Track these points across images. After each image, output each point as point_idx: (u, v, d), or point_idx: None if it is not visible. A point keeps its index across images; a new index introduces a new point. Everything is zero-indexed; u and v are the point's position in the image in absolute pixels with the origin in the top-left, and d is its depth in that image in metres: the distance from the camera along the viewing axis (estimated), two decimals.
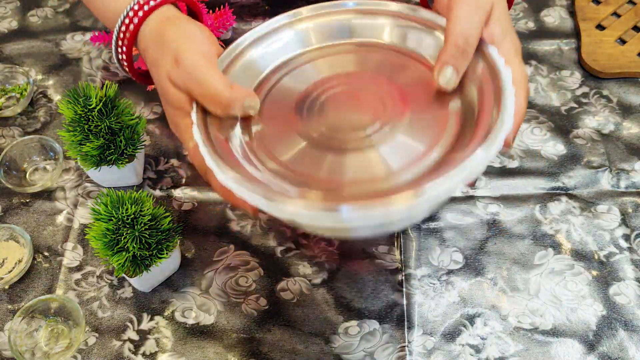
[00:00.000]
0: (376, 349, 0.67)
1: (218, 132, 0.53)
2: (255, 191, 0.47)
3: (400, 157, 0.52)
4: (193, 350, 0.68)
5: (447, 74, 0.53)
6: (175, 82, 0.51)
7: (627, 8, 0.91)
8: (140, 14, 0.53)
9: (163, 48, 0.52)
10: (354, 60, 0.61)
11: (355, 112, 0.56)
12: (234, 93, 0.51)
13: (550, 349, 0.67)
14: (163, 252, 0.66)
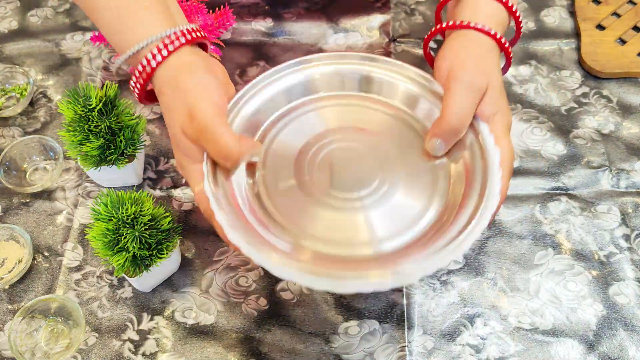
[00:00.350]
0: (376, 349, 0.67)
1: (225, 180, 0.56)
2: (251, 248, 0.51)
3: (388, 224, 0.56)
4: (193, 350, 0.68)
5: (436, 145, 0.58)
6: (188, 135, 0.54)
7: (627, 8, 0.91)
8: (163, 54, 0.55)
9: (177, 98, 0.55)
10: (359, 116, 0.63)
11: (353, 170, 0.59)
12: (242, 147, 0.54)
13: (550, 349, 0.67)
14: (163, 252, 0.66)
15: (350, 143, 0.61)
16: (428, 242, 0.53)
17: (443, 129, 0.57)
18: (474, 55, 0.60)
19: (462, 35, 0.62)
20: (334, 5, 0.93)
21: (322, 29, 0.91)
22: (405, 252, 0.53)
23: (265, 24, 0.92)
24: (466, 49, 0.60)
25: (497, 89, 0.59)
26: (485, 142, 0.57)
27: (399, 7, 0.93)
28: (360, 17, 0.92)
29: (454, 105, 0.56)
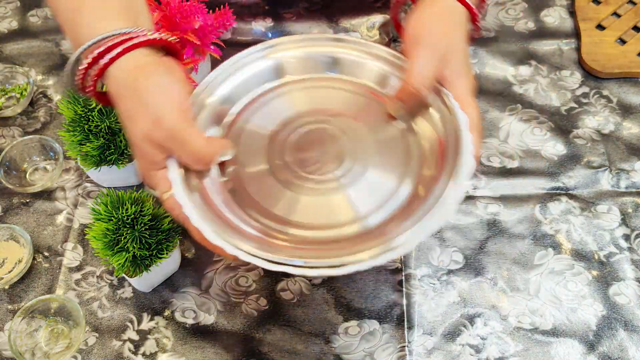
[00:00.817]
0: (376, 349, 0.67)
1: (198, 182, 0.55)
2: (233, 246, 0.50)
3: (368, 199, 0.56)
4: (193, 350, 0.68)
5: (397, 106, 0.59)
6: (153, 141, 0.52)
7: (627, 8, 0.91)
8: (114, 53, 0.52)
9: (139, 105, 0.52)
10: (327, 96, 0.63)
11: (326, 151, 0.59)
12: (212, 148, 0.53)
13: (550, 349, 0.67)
14: (163, 252, 0.66)
15: (320, 125, 0.61)
16: (412, 210, 0.53)
17: (403, 91, 0.58)
18: (437, 19, 0.60)
19: (431, 1, 0.62)
20: (334, 5, 0.93)
21: (322, 29, 0.91)
22: (391, 224, 0.53)
23: (265, 24, 0.92)
24: (431, 14, 0.61)
25: (459, 53, 0.59)
26: (453, 107, 0.57)
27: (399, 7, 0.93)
28: (360, 17, 0.92)
29: (414, 67, 0.58)
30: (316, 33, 0.65)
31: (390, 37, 0.90)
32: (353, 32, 0.91)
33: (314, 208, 0.56)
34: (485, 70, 0.87)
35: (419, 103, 0.59)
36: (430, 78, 0.58)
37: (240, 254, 0.50)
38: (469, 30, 0.62)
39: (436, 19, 0.60)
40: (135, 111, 0.52)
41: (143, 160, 0.54)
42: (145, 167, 0.54)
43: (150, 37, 0.53)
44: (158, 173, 0.54)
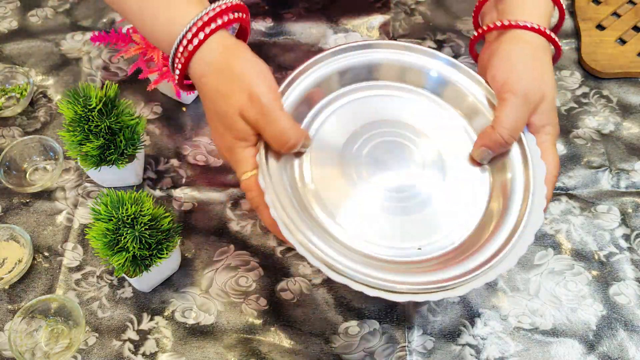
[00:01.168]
0: (376, 349, 0.67)
1: (276, 167, 0.55)
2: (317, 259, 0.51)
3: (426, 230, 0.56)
4: (193, 350, 0.68)
5: (484, 155, 0.58)
6: (246, 117, 0.54)
7: (627, 8, 0.91)
8: (198, 39, 0.54)
9: (234, 81, 0.54)
10: (413, 111, 0.62)
11: (397, 169, 0.59)
12: (298, 132, 0.55)
13: (550, 349, 0.67)
14: (163, 252, 0.66)
15: (396, 138, 0.60)
16: (466, 254, 0.54)
17: (492, 140, 0.57)
18: (529, 63, 0.58)
19: (513, 37, 0.60)
20: (334, 5, 0.93)
21: (322, 29, 0.91)
22: (444, 262, 0.54)
23: (265, 24, 0.92)
24: (521, 56, 0.58)
25: (550, 100, 0.58)
26: (532, 155, 0.57)
27: (399, 7, 0.93)
28: (360, 17, 0.92)
29: (506, 118, 0.56)
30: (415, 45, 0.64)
31: (390, 38, 0.90)
32: (353, 33, 0.91)
33: (376, 224, 0.56)
34: None
35: (503, 150, 0.58)
36: (519, 129, 0.57)
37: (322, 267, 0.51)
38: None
39: (524, 60, 0.58)
40: (230, 87, 0.54)
41: (229, 135, 0.55)
42: (230, 143, 0.55)
43: (232, 18, 0.55)
44: (244, 151, 0.55)
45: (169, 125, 0.83)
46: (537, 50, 0.59)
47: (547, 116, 0.58)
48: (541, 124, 0.58)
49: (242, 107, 0.53)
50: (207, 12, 0.54)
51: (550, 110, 0.58)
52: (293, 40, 0.90)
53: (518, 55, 0.59)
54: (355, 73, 0.62)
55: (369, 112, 0.62)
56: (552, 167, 0.58)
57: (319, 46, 0.90)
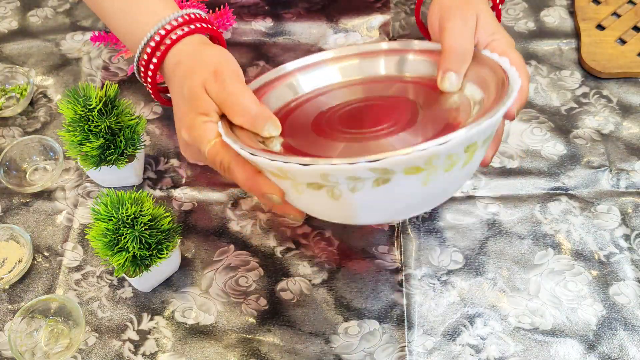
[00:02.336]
0: (376, 349, 0.67)
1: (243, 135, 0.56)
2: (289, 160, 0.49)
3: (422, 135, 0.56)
4: (193, 350, 0.68)
5: (451, 78, 0.59)
6: (209, 90, 0.56)
7: (627, 8, 0.91)
8: (174, 36, 0.59)
9: (201, 61, 0.57)
10: (362, 90, 0.65)
11: (370, 120, 0.59)
12: (260, 110, 0.55)
13: (550, 349, 0.67)
14: (163, 252, 0.66)
15: (367, 104, 0.63)
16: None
17: (450, 59, 0.59)
18: (456, 2, 0.62)
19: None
20: (334, 5, 0.93)
21: (322, 29, 0.91)
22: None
23: (265, 24, 0.92)
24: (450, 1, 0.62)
25: (488, 16, 0.61)
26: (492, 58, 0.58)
27: (399, 7, 0.93)
28: (360, 17, 0.92)
29: (451, 36, 0.59)
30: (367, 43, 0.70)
31: (390, 38, 0.90)
32: (353, 32, 0.91)
33: (366, 150, 0.55)
34: None
35: (464, 66, 0.59)
36: (468, 39, 0.59)
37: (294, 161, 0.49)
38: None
39: (455, 2, 0.62)
40: (198, 67, 0.57)
41: (192, 111, 0.56)
42: (191, 120, 0.56)
43: (209, 27, 0.61)
44: (204, 124, 0.55)
45: (169, 125, 0.83)
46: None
47: (490, 28, 0.60)
48: (489, 37, 0.60)
49: (206, 81, 0.56)
50: (189, 13, 0.60)
51: (489, 22, 0.61)
52: (293, 40, 0.90)
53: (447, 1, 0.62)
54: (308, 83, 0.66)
55: (333, 100, 0.64)
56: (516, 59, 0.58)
57: (319, 46, 0.90)
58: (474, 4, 0.62)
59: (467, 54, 0.59)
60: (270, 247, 0.74)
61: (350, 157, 0.47)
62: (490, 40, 0.61)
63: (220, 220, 0.76)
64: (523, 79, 0.57)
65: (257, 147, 0.54)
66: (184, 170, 0.80)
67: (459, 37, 0.59)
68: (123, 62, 0.89)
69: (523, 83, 0.57)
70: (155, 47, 0.59)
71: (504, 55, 0.59)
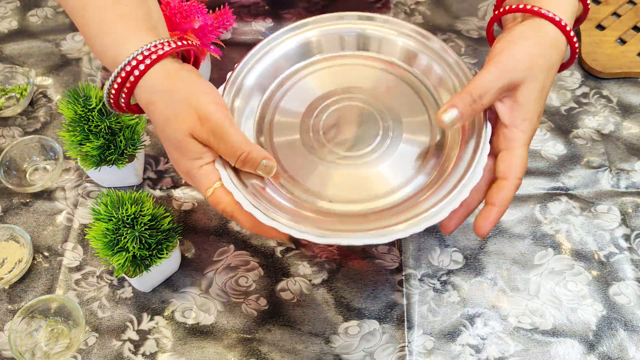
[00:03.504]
0: (376, 349, 0.67)
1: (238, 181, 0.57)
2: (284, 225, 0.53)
3: (399, 173, 0.58)
4: (193, 350, 0.68)
5: (452, 115, 0.55)
6: (198, 137, 0.54)
7: (627, 8, 0.91)
8: (142, 67, 0.54)
9: (180, 105, 0.54)
10: (357, 74, 0.65)
11: (357, 128, 0.61)
12: (253, 153, 0.55)
13: (550, 349, 0.67)
14: (163, 252, 0.66)
15: (351, 102, 0.63)
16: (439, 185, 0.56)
17: (463, 99, 0.54)
18: (530, 47, 0.55)
19: (530, 23, 0.57)
20: (334, 5, 0.93)
21: None
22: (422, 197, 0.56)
23: (265, 24, 0.92)
24: (524, 38, 0.56)
25: (535, 90, 0.55)
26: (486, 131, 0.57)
27: (399, 7, 0.93)
28: None
29: (480, 81, 0.54)
30: (346, 13, 0.67)
31: None
32: None
33: (348, 182, 0.58)
34: None
35: (470, 114, 0.55)
36: (492, 96, 0.54)
37: (293, 232, 0.52)
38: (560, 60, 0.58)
39: (529, 45, 0.56)
40: (178, 112, 0.54)
41: (186, 158, 0.55)
42: (187, 166, 0.56)
43: (175, 47, 0.55)
44: (201, 170, 0.55)
45: None
46: (545, 41, 0.56)
47: (527, 110, 0.55)
48: (519, 118, 0.55)
49: (193, 129, 0.54)
50: (152, 46, 0.54)
51: (531, 102, 0.55)
52: None
53: (522, 34, 0.56)
54: (298, 53, 0.65)
55: (319, 86, 0.64)
56: (518, 159, 0.55)
57: None
58: (542, 61, 0.55)
59: (482, 103, 0.55)
60: (270, 247, 0.74)
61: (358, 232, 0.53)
62: (517, 123, 0.55)
63: (220, 220, 0.76)
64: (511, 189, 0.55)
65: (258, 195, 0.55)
66: None
67: (486, 85, 0.54)
68: None
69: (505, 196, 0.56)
70: (120, 85, 0.55)
71: (510, 150, 0.55)
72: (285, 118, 0.62)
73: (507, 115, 0.56)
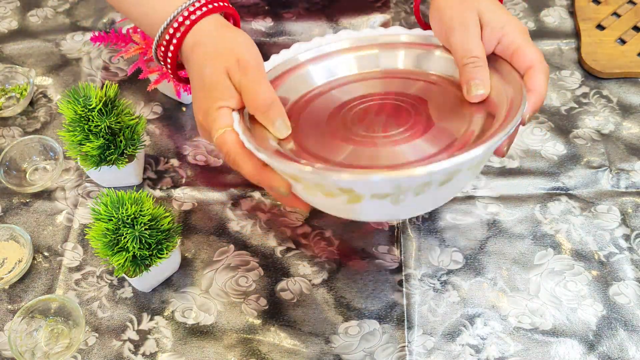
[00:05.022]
0: (376, 349, 0.67)
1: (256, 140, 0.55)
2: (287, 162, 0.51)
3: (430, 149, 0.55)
4: (193, 350, 0.68)
5: (475, 87, 0.57)
6: (232, 77, 0.57)
7: (627, 8, 0.91)
8: (194, 17, 0.60)
9: (224, 46, 0.59)
10: (379, 84, 0.65)
11: (387, 118, 0.60)
12: (275, 105, 0.56)
13: (550, 349, 0.67)
14: (163, 252, 0.66)
15: (380, 101, 0.62)
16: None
17: (468, 70, 0.57)
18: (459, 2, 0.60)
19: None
20: (334, 5, 0.93)
21: (322, 29, 0.91)
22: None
23: (265, 24, 0.92)
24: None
25: (490, 10, 0.59)
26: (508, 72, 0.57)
27: (399, 7, 0.93)
28: (360, 17, 0.92)
29: (459, 47, 0.58)
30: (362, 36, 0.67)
31: None
32: None
33: (376, 157, 0.56)
34: None
35: (484, 71, 0.58)
36: (477, 45, 0.58)
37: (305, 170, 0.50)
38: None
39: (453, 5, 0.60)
40: (220, 51, 0.58)
41: (211, 96, 0.57)
42: (208, 104, 0.57)
43: (225, 4, 0.61)
44: (220, 110, 0.56)
45: (169, 125, 0.83)
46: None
47: (497, 22, 0.58)
48: (499, 28, 0.58)
49: (230, 67, 0.57)
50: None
51: (496, 17, 0.58)
52: (293, 40, 0.90)
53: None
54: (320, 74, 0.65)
55: (344, 95, 0.64)
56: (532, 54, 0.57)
57: None
58: (471, 1, 0.60)
59: (480, 60, 0.58)
60: (270, 247, 0.74)
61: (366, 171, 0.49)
62: (500, 35, 0.58)
63: (220, 220, 0.76)
64: (540, 76, 0.56)
65: (269, 147, 0.54)
66: (184, 170, 0.80)
67: (467, 46, 0.58)
68: (123, 62, 0.89)
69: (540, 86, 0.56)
70: (175, 31, 0.60)
71: (518, 50, 0.57)
72: (311, 120, 0.61)
73: (488, 39, 0.59)
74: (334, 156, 0.56)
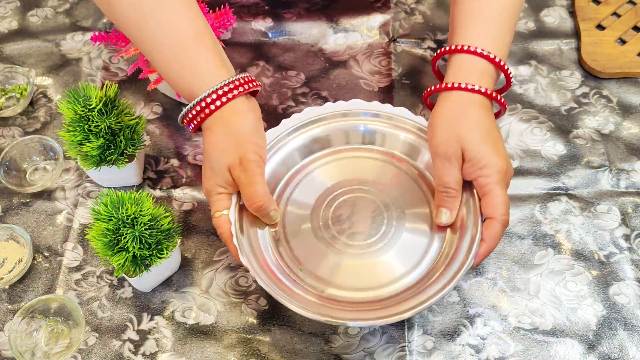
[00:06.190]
0: (376, 349, 0.67)
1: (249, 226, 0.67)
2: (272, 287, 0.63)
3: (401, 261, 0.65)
4: (193, 350, 0.68)
5: (443, 215, 0.65)
6: (232, 173, 0.64)
7: (627, 8, 0.91)
8: (218, 103, 0.64)
9: (230, 142, 0.64)
10: (363, 167, 0.72)
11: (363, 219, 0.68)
12: (266, 204, 0.64)
13: (550, 349, 0.67)
14: (163, 252, 0.66)
15: (357, 194, 0.70)
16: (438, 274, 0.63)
17: (440, 198, 0.65)
18: (447, 122, 0.65)
19: (444, 98, 0.66)
20: (334, 5, 0.93)
21: (322, 29, 0.91)
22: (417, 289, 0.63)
23: (265, 24, 0.92)
24: (443, 116, 0.65)
25: (476, 145, 0.63)
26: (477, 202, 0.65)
27: (399, 7, 0.93)
28: (360, 17, 0.92)
29: (438, 174, 0.65)
30: (352, 109, 0.73)
31: (390, 38, 0.90)
32: (353, 32, 0.91)
33: (355, 270, 0.65)
34: None
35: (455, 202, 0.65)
36: (455, 178, 0.64)
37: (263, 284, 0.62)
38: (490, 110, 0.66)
39: (447, 120, 0.65)
40: (226, 146, 0.64)
41: (214, 180, 0.65)
42: (212, 185, 0.65)
43: (247, 88, 0.65)
44: (220, 195, 0.65)
45: (169, 125, 0.83)
46: (460, 107, 0.65)
47: (479, 158, 0.62)
48: (477, 168, 0.63)
49: (232, 165, 0.64)
50: (230, 82, 0.64)
51: (481, 152, 0.63)
52: (293, 40, 0.90)
53: (441, 115, 0.66)
54: (309, 147, 0.72)
55: (328, 178, 0.71)
56: (498, 197, 0.62)
57: (319, 46, 0.90)
58: (461, 126, 0.64)
59: (454, 192, 0.64)
60: None
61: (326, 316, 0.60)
62: (478, 175, 0.63)
63: None
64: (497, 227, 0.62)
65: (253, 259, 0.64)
66: (184, 170, 0.80)
67: (445, 178, 0.64)
68: (123, 62, 0.89)
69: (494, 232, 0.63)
70: (202, 108, 0.65)
71: (488, 194, 0.63)
72: (296, 209, 0.69)
73: (466, 174, 0.64)
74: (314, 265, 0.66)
